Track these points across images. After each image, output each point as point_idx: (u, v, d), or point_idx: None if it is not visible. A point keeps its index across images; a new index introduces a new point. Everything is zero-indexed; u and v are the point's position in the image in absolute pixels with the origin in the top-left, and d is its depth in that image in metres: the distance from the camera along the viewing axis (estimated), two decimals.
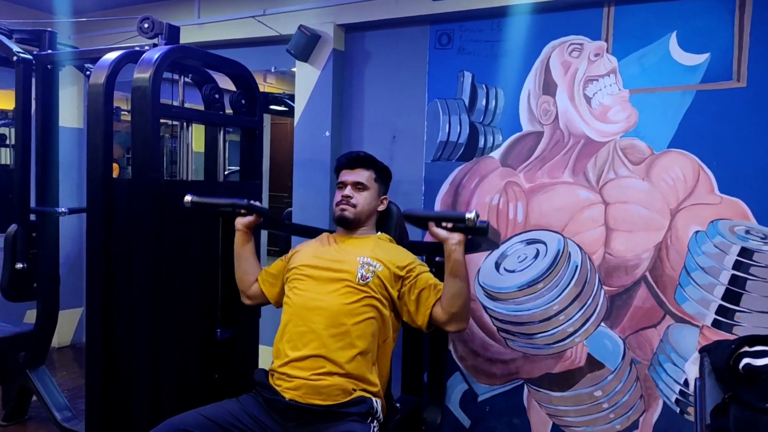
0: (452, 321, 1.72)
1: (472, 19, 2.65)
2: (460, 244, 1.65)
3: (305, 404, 1.69)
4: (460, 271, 1.66)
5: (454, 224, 1.64)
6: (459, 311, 1.70)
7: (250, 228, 1.97)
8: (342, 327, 1.73)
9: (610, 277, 2.43)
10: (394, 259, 1.83)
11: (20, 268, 2.56)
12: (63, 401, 2.67)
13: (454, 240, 1.64)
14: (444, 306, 1.71)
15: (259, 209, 1.94)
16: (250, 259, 1.99)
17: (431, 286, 1.77)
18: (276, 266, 1.99)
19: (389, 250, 1.88)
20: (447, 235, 1.64)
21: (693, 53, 2.26)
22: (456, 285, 1.68)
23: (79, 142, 3.85)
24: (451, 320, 1.72)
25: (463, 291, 1.68)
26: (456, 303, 1.69)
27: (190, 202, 1.89)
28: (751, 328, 2.17)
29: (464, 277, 1.68)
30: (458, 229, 1.64)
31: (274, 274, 1.97)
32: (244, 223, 1.95)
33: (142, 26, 2.09)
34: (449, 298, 1.70)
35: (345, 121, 3.01)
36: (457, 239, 1.64)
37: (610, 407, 2.45)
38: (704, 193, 2.26)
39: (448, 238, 1.64)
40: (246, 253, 1.99)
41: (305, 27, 2.86)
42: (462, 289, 1.68)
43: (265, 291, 1.98)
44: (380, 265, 1.80)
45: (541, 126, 2.55)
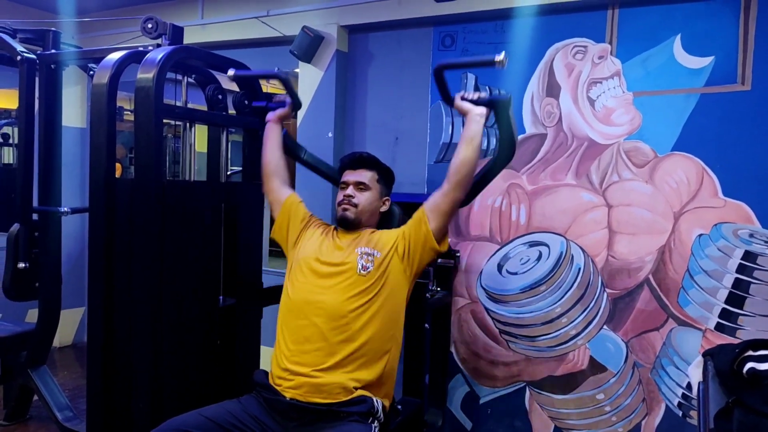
0: (457, 187, 1.78)
1: (475, 21, 2.65)
2: (482, 116, 1.78)
3: (306, 403, 1.68)
4: (476, 139, 1.77)
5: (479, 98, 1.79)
6: (464, 177, 1.77)
7: (282, 119, 2.10)
8: (343, 320, 1.73)
9: (613, 279, 2.42)
10: (389, 238, 1.87)
11: (22, 267, 2.56)
12: (64, 401, 2.67)
13: (477, 110, 1.78)
14: (451, 173, 1.78)
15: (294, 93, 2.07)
16: (275, 150, 2.08)
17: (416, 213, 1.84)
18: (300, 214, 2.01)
19: (383, 233, 1.91)
20: (471, 106, 1.79)
21: (697, 56, 2.26)
22: (469, 151, 1.77)
23: (82, 142, 3.86)
24: (456, 186, 1.78)
25: (474, 158, 1.77)
26: (463, 169, 1.77)
27: (234, 75, 2.07)
28: (754, 332, 2.16)
29: (478, 145, 1.78)
30: (482, 103, 1.78)
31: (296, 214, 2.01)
32: (276, 114, 2.09)
33: (145, 26, 2.09)
34: (458, 164, 1.77)
35: (348, 122, 3.01)
36: (480, 111, 1.78)
37: (612, 410, 2.44)
38: (708, 196, 2.25)
39: (472, 109, 1.78)
40: (273, 142, 2.08)
41: (308, 28, 2.86)
42: (473, 156, 1.77)
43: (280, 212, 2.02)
44: (377, 250, 1.82)
45: (544, 128, 2.54)
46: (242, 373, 2.22)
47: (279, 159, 2.07)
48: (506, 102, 1.78)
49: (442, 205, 1.80)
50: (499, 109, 1.79)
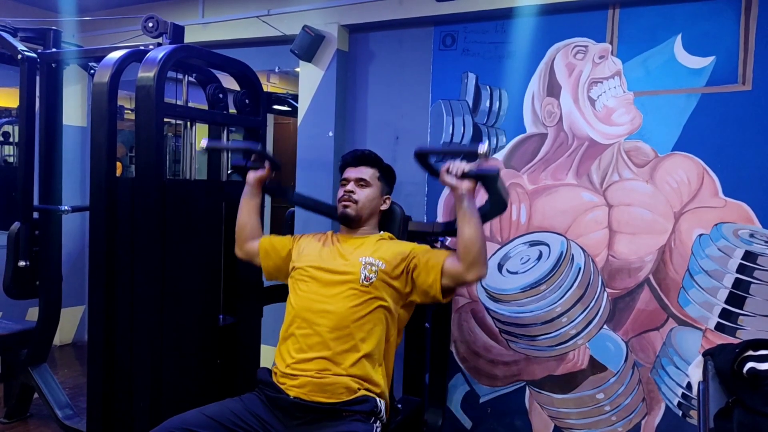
0: (471, 268, 1.67)
1: (476, 21, 2.65)
2: (470, 192, 1.66)
3: (310, 402, 1.68)
4: (473, 217, 1.66)
5: (464, 172, 1.65)
6: (476, 256, 1.66)
7: (261, 182, 2.02)
8: (347, 330, 1.72)
9: (613, 279, 2.42)
10: (395, 253, 1.83)
11: (23, 265, 2.56)
12: (64, 399, 2.67)
13: (464, 187, 1.65)
14: (461, 255, 1.68)
15: (270, 157, 2.01)
16: (252, 214, 2.04)
17: (435, 254, 1.78)
18: (281, 241, 1.99)
19: (390, 246, 1.88)
20: (457, 182, 1.65)
21: (698, 56, 2.26)
22: (469, 230, 1.66)
23: (82, 141, 3.86)
24: (470, 267, 1.67)
25: (478, 235, 1.66)
26: (472, 249, 1.66)
27: (206, 146, 1.98)
28: (754, 332, 2.16)
29: (477, 220, 1.66)
30: (468, 177, 1.65)
31: (276, 248, 1.98)
32: (255, 177, 2.01)
33: (146, 25, 2.09)
34: (465, 244, 1.67)
35: (348, 121, 3.01)
36: (467, 186, 1.65)
37: (612, 410, 2.44)
38: (708, 196, 2.25)
39: (459, 185, 1.65)
40: (251, 206, 2.03)
41: (309, 27, 2.86)
42: (477, 232, 1.66)
43: (261, 257, 2.00)
44: (382, 262, 1.79)
45: (545, 128, 2.54)
46: (243, 371, 2.23)
47: (255, 224, 2.04)
48: (494, 177, 1.65)
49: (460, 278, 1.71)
50: (487, 183, 1.69)
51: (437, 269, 1.73)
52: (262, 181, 2.02)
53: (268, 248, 1.99)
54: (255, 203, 2.04)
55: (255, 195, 2.03)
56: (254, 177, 2.01)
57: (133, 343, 1.96)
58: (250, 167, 2.02)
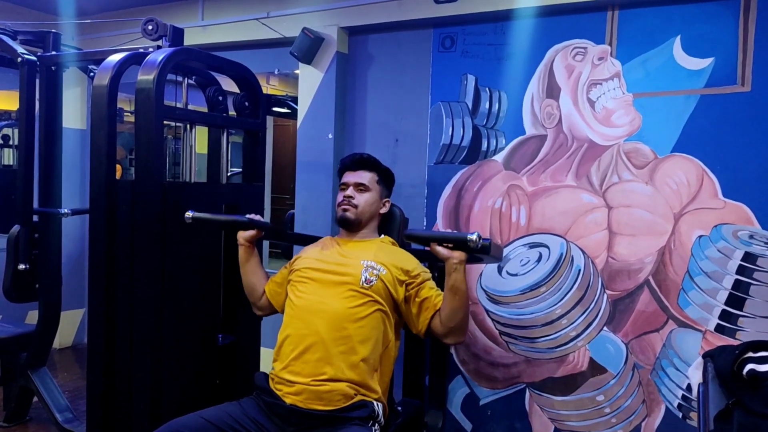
0: (450, 334, 1.76)
1: (475, 23, 2.65)
2: (462, 264, 1.66)
3: (306, 409, 1.68)
4: (461, 289, 1.68)
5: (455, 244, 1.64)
6: (457, 325, 1.73)
7: (252, 241, 1.97)
8: (344, 331, 1.72)
9: (613, 281, 2.42)
10: (397, 262, 1.83)
11: (22, 269, 2.56)
12: (64, 402, 2.67)
13: (456, 259, 1.65)
14: (443, 320, 1.74)
15: (259, 224, 1.95)
16: (256, 272, 2.01)
17: (433, 297, 1.79)
18: (281, 275, 2.00)
19: (393, 253, 1.88)
20: (449, 254, 1.65)
21: (697, 57, 2.26)
22: (456, 301, 1.70)
23: (82, 144, 3.86)
24: (449, 333, 1.75)
25: (463, 307, 1.71)
26: (455, 318, 1.72)
27: (191, 218, 1.89)
28: (754, 334, 2.16)
29: (464, 294, 1.69)
30: (460, 248, 1.65)
31: (279, 282, 1.99)
32: (246, 237, 1.95)
33: (146, 28, 2.10)
34: (448, 313, 1.72)
35: (348, 123, 3.01)
36: (459, 258, 1.65)
37: (612, 412, 2.44)
38: (708, 197, 2.25)
39: (450, 257, 1.65)
40: (251, 266, 2.00)
41: (309, 30, 2.86)
42: (461, 305, 1.70)
43: (273, 302, 2.00)
44: (384, 268, 1.80)
45: (544, 129, 2.55)
46: (242, 375, 2.22)
47: (261, 281, 2.01)
48: (486, 248, 1.63)
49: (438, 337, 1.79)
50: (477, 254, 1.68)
51: (429, 314, 1.78)
52: (253, 240, 1.97)
53: (274, 288, 1.99)
54: (254, 262, 2.01)
55: (251, 254, 2.00)
56: (244, 237, 1.95)
57: (132, 346, 1.96)
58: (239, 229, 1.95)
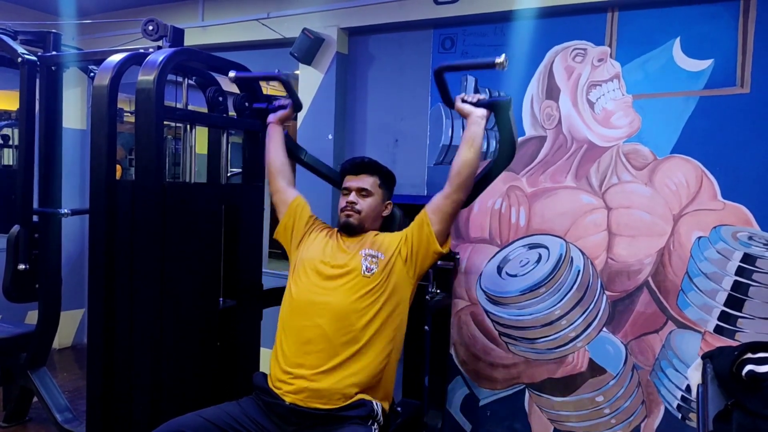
0: (458, 189, 1.79)
1: (475, 24, 2.66)
2: (483, 119, 1.78)
3: (306, 408, 1.68)
4: (477, 141, 1.77)
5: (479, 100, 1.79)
6: (465, 180, 1.78)
7: (283, 121, 2.10)
8: (347, 322, 1.73)
9: (613, 282, 2.42)
10: (393, 239, 1.88)
11: (22, 269, 2.56)
12: (64, 402, 2.67)
13: (478, 113, 1.78)
14: (452, 175, 1.79)
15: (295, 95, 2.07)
16: (279, 150, 2.09)
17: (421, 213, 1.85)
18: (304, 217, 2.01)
19: (388, 236, 1.92)
20: (472, 108, 1.79)
21: (696, 59, 2.26)
22: (468, 154, 1.77)
23: (82, 144, 3.86)
24: (457, 189, 1.79)
25: (474, 160, 1.78)
26: (464, 172, 1.77)
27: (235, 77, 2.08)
28: (753, 335, 2.17)
29: (479, 148, 1.78)
30: (482, 105, 1.79)
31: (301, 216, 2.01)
32: (276, 116, 2.10)
33: (146, 28, 2.09)
34: (459, 166, 1.78)
35: (348, 124, 3.01)
36: (481, 113, 1.78)
37: (611, 413, 2.44)
38: (707, 198, 2.26)
39: (473, 111, 1.78)
40: (276, 143, 2.09)
41: (309, 30, 2.86)
42: (474, 158, 1.78)
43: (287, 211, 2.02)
44: (381, 253, 1.83)
45: (544, 130, 2.55)
46: (242, 375, 2.22)
47: (283, 159, 2.08)
48: (506, 104, 1.78)
49: (444, 207, 1.80)
50: (499, 110, 1.80)
51: (424, 218, 1.82)
52: (284, 120, 2.10)
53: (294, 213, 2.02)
54: (279, 140, 2.09)
55: (278, 132, 2.09)
56: (275, 116, 2.09)
57: (132, 345, 1.96)
58: (271, 109, 2.10)
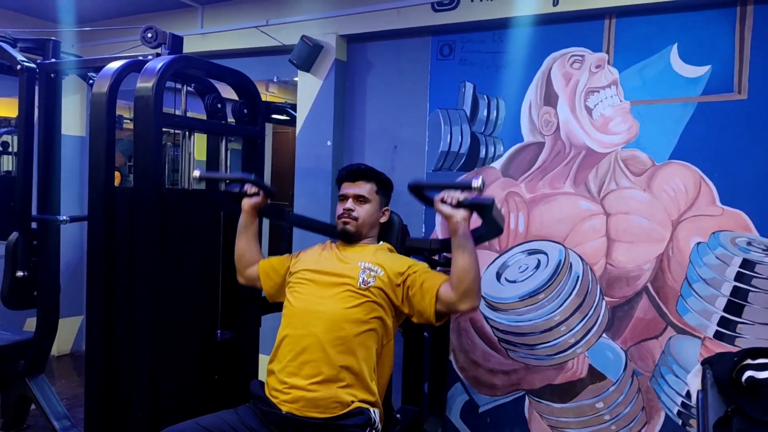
0: (464, 298, 1.68)
1: (473, 31, 2.67)
2: (465, 220, 1.66)
3: (302, 417, 1.68)
4: (467, 245, 1.66)
5: (459, 201, 1.66)
6: (469, 287, 1.66)
7: (256, 209, 2.01)
8: (342, 332, 1.73)
9: (612, 287, 2.42)
10: (394, 265, 1.83)
11: (21, 276, 2.56)
12: (62, 410, 2.65)
13: (459, 216, 1.65)
14: (454, 284, 1.68)
15: (263, 185, 2.00)
16: (251, 242, 2.04)
17: (432, 276, 1.78)
18: (280, 261, 2.00)
19: (390, 257, 1.89)
20: (452, 211, 1.66)
21: (694, 65, 2.27)
22: (464, 259, 1.66)
23: (81, 150, 3.86)
24: (462, 298, 1.67)
25: (472, 265, 1.66)
26: (466, 278, 1.66)
27: (199, 176, 1.96)
28: (753, 340, 2.16)
29: (472, 251, 1.67)
30: (463, 206, 1.66)
31: (276, 268, 1.99)
32: (250, 204, 1.99)
33: (145, 36, 2.10)
34: (458, 275, 1.67)
35: (347, 130, 3.02)
36: (462, 215, 1.66)
37: (611, 419, 2.43)
38: (705, 204, 2.26)
39: (453, 214, 1.66)
40: (249, 233, 2.04)
41: (308, 37, 2.87)
42: (471, 263, 1.66)
43: (262, 280, 2.00)
44: (381, 270, 1.80)
45: (542, 137, 2.55)
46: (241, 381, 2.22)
47: (254, 251, 2.05)
48: (489, 206, 1.67)
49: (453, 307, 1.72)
50: (482, 212, 1.70)
51: (432, 293, 1.73)
52: (257, 207, 2.01)
53: (268, 270, 1.99)
54: (252, 230, 2.04)
55: (251, 222, 2.03)
56: (249, 204, 2.00)
57: (131, 353, 1.96)
58: (244, 194, 2.01)
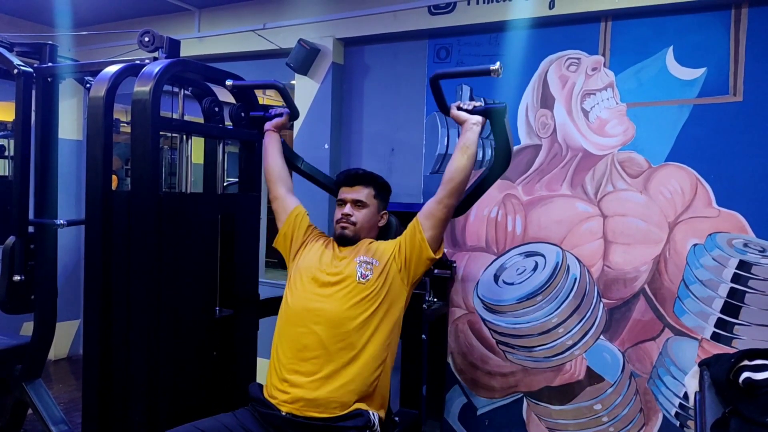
0: (450, 195, 1.79)
1: (470, 34, 2.68)
2: (478, 125, 1.79)
3: (302, 418, 1.68)
4: (471, 147, 1.78)
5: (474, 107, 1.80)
6: (458, 185, 1.78)
7: (279, 128, 2.13)
8: (342, 328, 1.73)
9: (609, 289, 2.43)
10: (387, 246, 1.88)
11: (18, 280, 2.54)
12: (59, 415, 2.64)
13: (473, 120, 1.79)
14: (445, 179, 1.79)
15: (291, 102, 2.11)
16: (277, 157, 2.10)
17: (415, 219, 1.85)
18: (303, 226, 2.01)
19: (382, 243, 1.92)
20: (467, 116, 1.80)
21: (690, 68, 2.28)
22: (462, 160, 1.77)
23: (78, 154, 3.86)
24: (450, 194, 1.78)
25: (468, 167, 1.78)
26: (457, 177, 1.77)
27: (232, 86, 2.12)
28: (750, 342, 2.17)
29: (472, 155, 1.78)
30: (477, 112, 1.79)
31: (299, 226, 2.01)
32: (273, 123, 2.12)
33: (142, 40, 2.10)
34: (452, 172, 1.78)
35: (344, 133, 3.02)
36: (477, 120, 1.79)
37: (609, 421, 2.44)
38: (702, 206, 2.27)
39: (469, 118, 1.79)
40: (274, 149, 2.10)
41: (305, 41, 2.88)
42: (468, 165, 1.78)
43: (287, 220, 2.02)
44: (376, 260, 1.83)
45: (539, 139, 2.56)
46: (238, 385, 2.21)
47: (282, 166, 2.09)
48: (502, 110, 1.79)
49: (436, 213, 1.80)
50: (494, 118, 1.80)
51: (416, 225, 1.82)
52: (280, 127, 2.12)
53: (294, 223, 2.02)
54: (277, 147, 2.11)
55: (275, 140, 2.11)
56: (272, 124, 2.11)
57: (128, 357, 1.95)
58: (268, 117, 2.12)
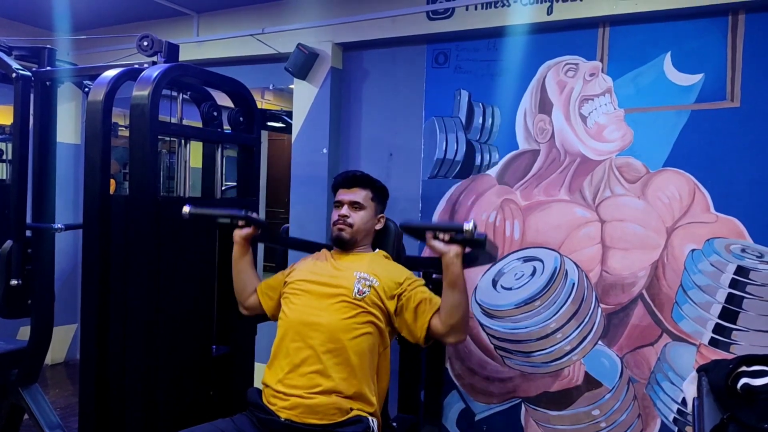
0: (451, 333, 1.71)
1: (468, 39, 2.68)
2: (458, 257, 1.65)
3: (301, 424, 1.67)
4: (459, 284, 1.67)
5: (452, 236, 1.64)
6: (458, 323, 1.70)
7: (248, 240, 1.97)
8: (338, 343, 1.72)
9: (607, 295, 2.43)
10: (390, 275, 1.84)
11: (15, 284, 2.54)
12: (55, 420, 2.63)
13: (452, 252, 1.64)
14: (443, 318, 1.71)
15: (256, 221, 1.95)
16: (248, 271, 2.01)
17: (427, 300, 1.78)
18: (275, 279, 1.99)
19: (386, 266, 1.89)
20: (445, 247, 1.65)
21: (687, 73, 2.29)
22: (455, 297, 1.68)
23: (76, 158, 3.85)
24: (450, 332, 1.71)
25: (462, 303, 1.69)
26: (455, 315, 1.69)
27: (189, 213, 1.88)
28: (748, 347, 2.17)
29: (463, 289, 1.68)
30: (456, 241, 1.65)
31: (273, 286, 1.98)
32: (242, 235, 1.95)
33: (141, 44, 2.10)
34: (448, 310, 1.69)
35: (342, 138, 3.02)
36: (455, 251, 1.64)
37: (607, 426, 2.43)
38: (700, 211, 2.27)
39: (447, 251, 1.65)
40: (244, 265, 2.00)
41: (303, 45, 2.88)
42: (461, 300, 1.68)
43: (262, 303, 1.98)
44: (376, 280, 1.80)
45: (537, 144, 2.56)
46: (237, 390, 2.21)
47: (252, 281, 2.01)
48: (482, 242, 1.66)
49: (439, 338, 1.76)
50: (474, 247, 1.70)
51: (425, 320, 1.75)
52: (249, 239, 1.96)
53: (266, 290, 1.98)
54: (247, 261, 2.00)
55: (245, 253, 1.99)
56: (240, 236, 1.95)
57: (125, 362, 1.95)
58: (236, 226, 1.96)
